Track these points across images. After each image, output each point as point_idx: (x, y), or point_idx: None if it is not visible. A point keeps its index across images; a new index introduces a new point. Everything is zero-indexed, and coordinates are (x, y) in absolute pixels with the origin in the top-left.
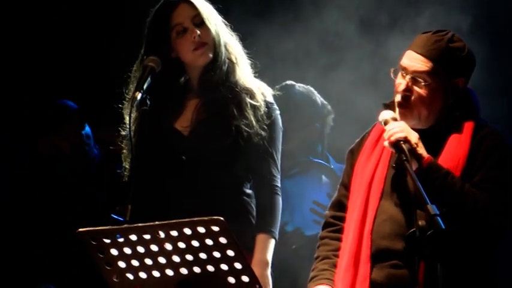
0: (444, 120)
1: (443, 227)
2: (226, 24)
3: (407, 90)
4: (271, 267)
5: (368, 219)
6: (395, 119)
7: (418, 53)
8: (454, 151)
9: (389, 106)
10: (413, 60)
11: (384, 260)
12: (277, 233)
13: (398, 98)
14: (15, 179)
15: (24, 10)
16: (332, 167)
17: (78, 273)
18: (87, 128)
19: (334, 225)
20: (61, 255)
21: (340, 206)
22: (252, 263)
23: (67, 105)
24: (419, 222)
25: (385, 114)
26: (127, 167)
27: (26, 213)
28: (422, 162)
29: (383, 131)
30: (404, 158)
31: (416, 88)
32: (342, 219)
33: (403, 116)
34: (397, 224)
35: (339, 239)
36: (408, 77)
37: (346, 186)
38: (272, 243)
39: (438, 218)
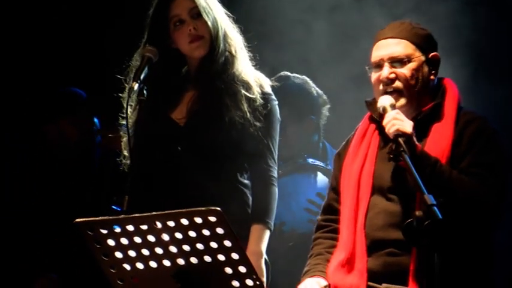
0: (426, 108)
1: (440, 216)
2: (229, 16)
3: (391, 73)
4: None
5: (360, 215)
6: (393, 105)
7: (388, 38)
8: (439, 139)
9: (371, 104)
10: (386, 47)
11: (379, 249)
12: (272, 223)
13: (381, 87)
14: (15, 178)
15: (22, 7)
16: (329, 168)
17: (79, 266)
18: (95, 119)
19: (326, 226)
20: (62, 250)
21: (331, 209)
22: (246, 253)
23: (79, 93)
24: (417, 213)
25: (384, 101)
26: (126, 154)
27: (26, 212)
28: (416, 151)
29: (369, 124)
30: (402, 149)
31: (399, 70)
32: (334, 221)
33: (396, 99)
34: (390, 215)
35: (332, 238)
36: (387, 63)
37: (335, 189)
38: (267, 234)
39: (435, 208)
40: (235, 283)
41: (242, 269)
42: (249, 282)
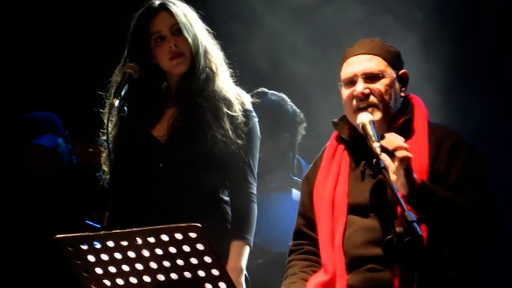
0: (397, 124)
1: (420, 233)
2: (209, 32)
3: (366, 90)
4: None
5: (337, 234)
6: (373, 122)
7: (360, 54)
8: (415, 155)
9: (338, 124)
10: (359, 63)
11: (359, 266)
12: (252, 240)
13: (355, 103)
14: None
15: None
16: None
17: (57, 281)
18: (61, 147)
19: (298, 250)
20: (39, 265)
21: (300, 235)
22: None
23: (30, 128)
24: (397, 229)
25: (363, 117)
26: (105, 170)
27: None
28: (415, 183)
29: (337, 146)
30: (382, 166)
31: (372, 86)
32: (305, 245)
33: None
34: (369, 232)
35: (306, 259)
36: (360, 79)
37: (303, 215)
38: (247, 250)
39: (415, 224)
40: None
41: (222, 285)
42: None
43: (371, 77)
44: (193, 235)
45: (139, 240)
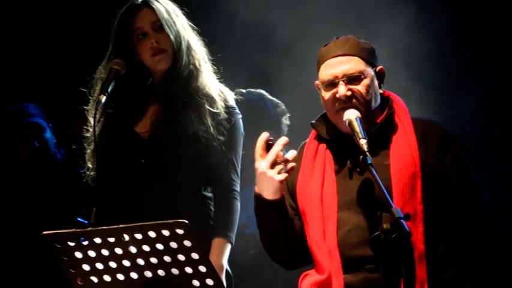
0: (381, 119)
1: (408, 229)
2: (193, 29)
3: (348, 92)
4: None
5: (330, 233)
6: (360, 118)
7: (338, 56)
8: (403, 148)
9: (317, 125)
10: (338, 65)
11: (358, 266)
12: (233, 237)
13: (337, 105)
14: None
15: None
16: None
17: (44, 276)
18: (48, 134)
19: None
20: (26, 260)
21: None
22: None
23: (22, 111)
24: (384, 226)
25: (350, 114)
26: (90, 166)
27: None
28: None
29: (318, 145)
30: (369, 163)
31: (354, 87)
32: None
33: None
34: (363, 232)
35: None
36: (341, 82)
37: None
38: (228, 247)
39: (402, 221)
40: None
41: (209, 281)
42: None
43: (352, 79)
44: (180, 231)
45: (126, 237)
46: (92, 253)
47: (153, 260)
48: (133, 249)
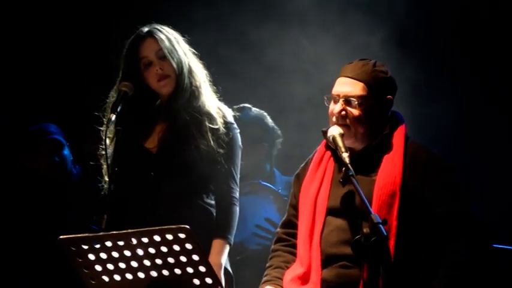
0: (376, 139)
1: (385, 233)
2: (194, 54)
3: (342, 111)
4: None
5: (316, 232)
6: (342, 135)
7: (348, 77)
8: (390, 169)
9: (327, 132)
10: (344, 85)
11: (334, 263)
12: (232, 239)
13: (334, 120)
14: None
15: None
16: (279, 189)
17: (60, 279)
18: (66, 151)
19: (286, 240)
20: (44, 263)
21: (291, 224)
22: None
23: (42, 130)
24: (364, 230)
25: (333, 131)
26: (107, 180)
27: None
28: None
29: (325, 151)
30: (351, 174)
31: (350, 109)
32: (293, 236)
33: (344, 132)
34: (343, 233)
35: (291, 253)
36: (341, 100)
37: (294, 206)
38: (227, 248)
39: (380, 226)
40: None
41: (209, 280)
42: None
43: (349, 101)
44: (182, 236)
45: (134, 241)
46: (103, 255)
47: (158, 261)
48: (140, 252)
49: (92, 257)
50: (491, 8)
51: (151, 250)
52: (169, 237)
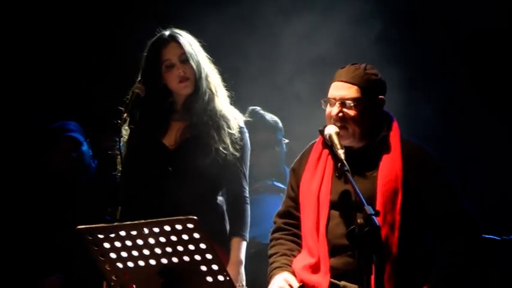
0: (374, 139)
1: (378, 224)
2: (209, 59)
3: (339, 113)
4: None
5: (321, 225)
6: (338, 133)
7: (342, 81)
8: (390, 167)
9: (323, 131)
10: (339, 89)
11: (342, 253)
12: (247, 235)
13: (332, 122)
14: (26, 190)
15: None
16: None
17: (79, 266)
18: (85, 147)
19: (287, 230)
20: (64, 253)
21: (289, 215)
22: (229, 263)
23: (62, 127)
24: (358, 220)
25: (330, 129)
26: (120, 168)
27: (31, 220)
28: None
29: (322, 150)
30: (346, 169)
31: (346, 110)
32: (293, 226)
33: (342, 133)
34: (348, 225)
35: (294, 241)
36: (337, 103)
37: (292, 198)
38: (244, 245)
39: (373, 217)
40: (209, 278)
41: (215, 267)
42: (221, 278)
43: (345, 104)
44: (190, 226)
45: (146, 230)
46: (117, 244)
47: (168, 249)
48: (151, 241)
49: (107, 245)
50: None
51: (162, 239)
52: (179, 227)
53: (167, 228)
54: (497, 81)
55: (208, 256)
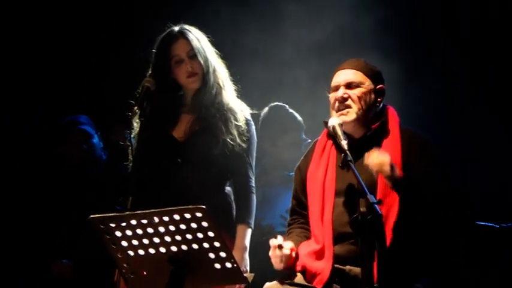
0: (375, 126)
1: (380, 212)
2: (217, 54)
3: (345, 94)
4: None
5: (326, 213)
6: (341, 125)
7: (346, 68)
8: (390, 152)
9: (327, 123)
10: (343, 75)
11: (345, 240)
12: (253, 223)
13: (337, 104)
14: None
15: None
16: None
17: (89, 254)
18: (96, 139)
19: (294, 222)
20: (75, 241)
21: (295, 212)
22: (234, 249)
23: (73, 121)
24: (361, 209)
25: (333, 121)
26: (131, 158)
27: (44, 210)
28: (399, 181)
29: (327, 141)
30: (349, 159)
31: (350, 92)
32: (299, 217)
33: (345, 118)
34: (352, 213)
35: (300, 227)
36: (342, 87)
37: (296, 198)
38: (249, 232)
39: (375, 205)
40: (217, 265)
41: (222, 254)
42: (228, 265)
43: (350, 86)
44: (199, 215)
45: (156, 219)
46: (128, 232)
47: (178, 237)
48: (161, 229)
49: (118, 234)
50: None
51: (172, 227)
52: (188, 216)
53: (176, 217)
54: (497, 81)
55: (216, 244)
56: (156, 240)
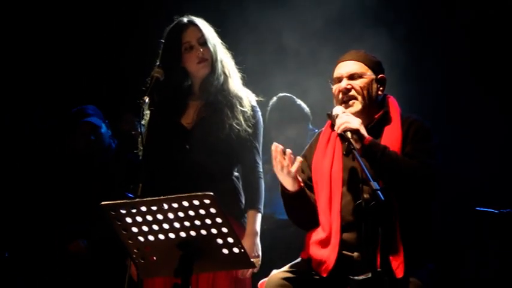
0: (378, 114)
1: (383, 198)
2: (223, 44)
3: (348, 85)
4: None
5: (334, 201)
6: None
7: (347, 60)
8: (391, 137)
9: (331, 115)
10: (345, 66)
11: (354, 228)
12: (262, 208)
13: (341, 95)
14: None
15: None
16: None
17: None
18: (103, 129)
19: None
20: (89, 224)
21: None
22: (245, 234)
23: (81, 112)
24: (364, 195)
25: (337, 110)
26: (141, 148)
27: (61, 196)
28: (364, 141)
29: (331, 132)
30: (352, 147)
31: (353, 83)
32: None
33: (352, 109)
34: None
35: None
36: (345, 78)
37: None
38: (259, 217)
39: (379, 192)
40: (225, 251)
41: (230, 239)
42: (236, 250)
43: (353, 77)
44: (207, 201)
45: (165, 206)
46: (139, 218)
47: (186, 223)
48: (171, 215)
49: (129, 220)
50: None
51: (181, 214)
52: (196, 202)
53: (185, 203)
54: (499, 73)
55: (224, 230)
56: (166, 226)
